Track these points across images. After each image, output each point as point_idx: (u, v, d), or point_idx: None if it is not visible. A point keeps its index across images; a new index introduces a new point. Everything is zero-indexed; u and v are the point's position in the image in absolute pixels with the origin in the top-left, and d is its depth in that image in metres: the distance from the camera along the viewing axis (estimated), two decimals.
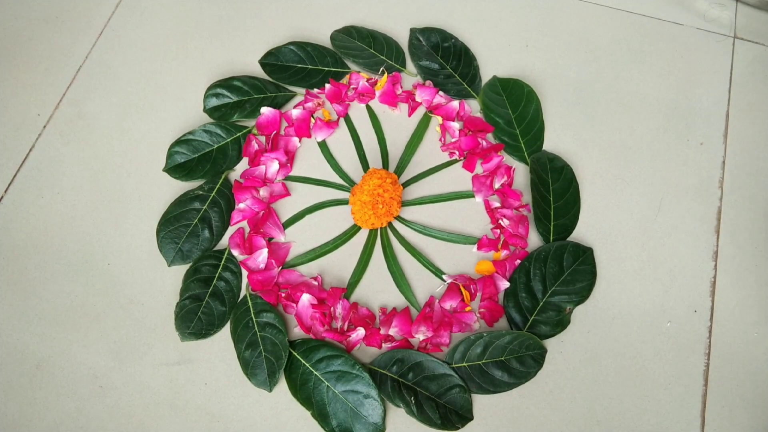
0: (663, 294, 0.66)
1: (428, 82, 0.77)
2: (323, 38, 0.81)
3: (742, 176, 0.73)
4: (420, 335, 0.62)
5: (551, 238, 0.68)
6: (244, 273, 0.66)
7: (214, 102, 0.75)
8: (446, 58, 0.79)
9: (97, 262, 0.67)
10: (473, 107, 0.77)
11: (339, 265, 0.67)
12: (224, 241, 0.68)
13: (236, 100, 0.75)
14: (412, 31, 0.82)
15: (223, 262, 0.66)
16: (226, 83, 0.76)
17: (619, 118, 0.77)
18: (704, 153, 0.75)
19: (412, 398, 0.59)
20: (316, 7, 0.85)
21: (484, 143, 0.73)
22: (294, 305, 0.64)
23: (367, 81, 0.78)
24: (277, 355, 0.61)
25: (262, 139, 0.74)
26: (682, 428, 0.60)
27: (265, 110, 0.74)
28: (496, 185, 0.71)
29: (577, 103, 0.78)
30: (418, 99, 0.76)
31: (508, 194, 0.70)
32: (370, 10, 0.85)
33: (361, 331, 0.62)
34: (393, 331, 0.63)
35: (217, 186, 0.70)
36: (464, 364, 0.61)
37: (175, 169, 0.71)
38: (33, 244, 0.68)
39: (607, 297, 0.66)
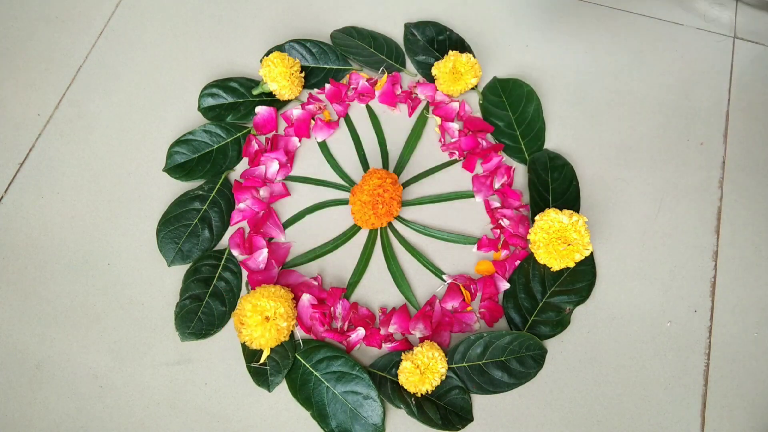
0: (663, 294, 0.66)
1: (422, 78, 0.78)
2: (323, 38, 0.81)
3: (742, 176, 0.73)
4: (417, 332, 0.62)
5: None
6: (244, 273, 0.66)
7: (209, 102, 0.75)
8: (442, 51, 0.79)
9: (97, 262, 0.67)
10: (473, 105, 0.76)
11: (339, 265, 0.67)
12: (224, 241, 0.68)
13: (231, 102, 0.75)
14: (407, 26, 0.81)
15: (223, 262, 0.66)
16: (222, 83, 0.76)
17: (619, 118, 0.77)
18: (704, 153, 0.75)
19: (412, 399, 0.59)
20: (316, 7, 0.85)
21: (484, 143, 0.73)
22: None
23: (367, 81, 0.78)
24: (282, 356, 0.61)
25: (262, 139, 0.74)
26: (682, 428, 0.60)
27: (260, 109, 0.74)
28: (496, 185, 0.71)
29: (577, 103, 0.78)
30: (420, 96, 0.77)
31: (508, 194, 0.70)
32: (370, 10, 0.85)
33: (361, 331, 0.62)
34: (392, 328, 0.63)
35: (217, 186, 0.70)
36: (464, 364, 0.61)
37: (175, 169, 0.71)
38: (33, 244, 0.68)
39: (607, 297, 0.66)
